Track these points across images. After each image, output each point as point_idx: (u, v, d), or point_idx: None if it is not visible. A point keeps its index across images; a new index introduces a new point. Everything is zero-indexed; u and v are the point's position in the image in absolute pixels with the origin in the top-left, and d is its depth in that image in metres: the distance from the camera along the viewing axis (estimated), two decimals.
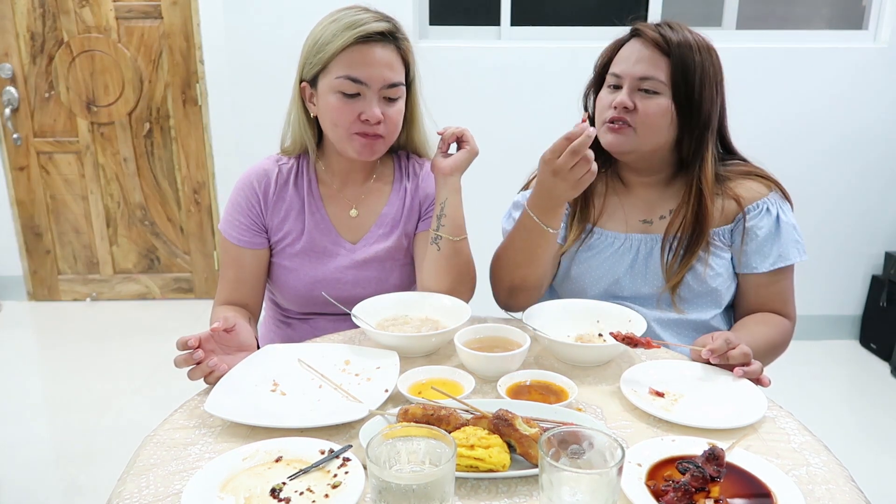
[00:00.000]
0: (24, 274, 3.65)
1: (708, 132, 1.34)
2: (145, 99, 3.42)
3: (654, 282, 1.40)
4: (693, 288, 1.37)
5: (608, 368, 1.18)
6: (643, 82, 1.31)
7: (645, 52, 1.32)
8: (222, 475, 0.84)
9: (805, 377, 2.84)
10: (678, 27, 1.34)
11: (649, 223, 1.42)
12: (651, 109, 1.31)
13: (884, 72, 2.89)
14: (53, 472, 2.27)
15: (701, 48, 1.32)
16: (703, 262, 1.36)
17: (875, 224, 3.10)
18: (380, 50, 1.30)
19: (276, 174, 1.44)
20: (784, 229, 1.37)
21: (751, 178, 1.40)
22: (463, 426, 0.90)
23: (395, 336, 1.20)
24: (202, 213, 3.59)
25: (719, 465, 0.84)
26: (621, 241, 1.42)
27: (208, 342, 1.11)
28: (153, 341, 3.21)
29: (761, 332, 1.33)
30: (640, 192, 1.44)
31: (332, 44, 1.29)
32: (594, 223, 1.45)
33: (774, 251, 1.36)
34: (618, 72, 1.35)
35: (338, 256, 1.44)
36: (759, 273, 1.37)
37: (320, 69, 1.32)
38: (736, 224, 1.37)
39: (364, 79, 1.29)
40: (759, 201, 1.37)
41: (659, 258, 1.39)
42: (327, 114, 1.34)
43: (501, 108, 2.87)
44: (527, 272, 1.37)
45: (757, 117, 2.90)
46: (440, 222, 1.39)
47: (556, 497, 0.73)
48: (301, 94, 1.39)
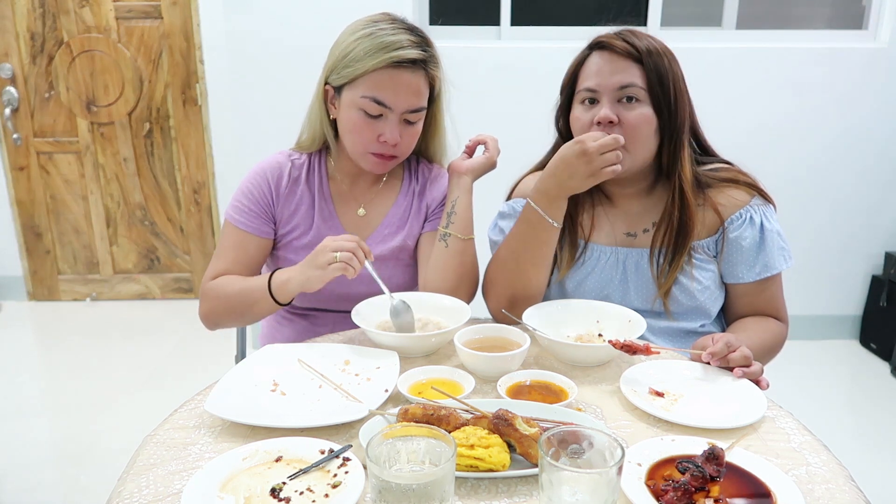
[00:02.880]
0: (24, 274, 3.65)
1: (683, 135, 1.31)
2: (145, 99, 3.42)
3: (643, 294, 1.38)
4: (682, 302, 1.35)
5: (608, 368, 1.18)
6: (623, 91, 1.27)
7: (618, 61, 1.28)
8: (222, 475, 0.85)
9: (805, 377, 2.84)
10: (640, 34, 1.31)
11: (633, 236, 1.39)
12: (636, 120, 1.27)
13: (884, 72, 2.89)
14: (53, 472, 2.27)
15: (665, 53, 1.30)
16: (689, 276, 1.33)
17: (875, 224, 3.10)
18: (409, 76, 1.31)
19: (288, 168, 1.44)
20: (768, 237, 1.33)
21: (731, 186, 1.35)
22: (463, 426, 0.90)
23: (395, 336, 1.20)
24: (202, 213, 3.59)
25: (719, 464, 0.85)
26: (608, 255, 1.40)
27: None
28: (153, 341, 3.21)
29: (757, 334, 1.32)
30: (623, 203, 1.41)
31: (363, 62, 1.29)
32: (587, 239, 1.42)
33: (760, 261, 1.34)
34: (592, 86, 1.30)
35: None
36: (745, 283, 1.36)
37: (347, 82, 1.32)
38: (719, 235, 1.35)
39: (389, 103, 1.31)
40: (742, 210, 1.33)
41: (647, 271, 1.37)
42: (347, 126, 1.35)
43: (501, 108, 2.87)
44: (530, 275, 1.34)
45: (756, 117, 2.90)
46: (450, 219, 1.41)
47: (556, 497, 0.73)
48: (324, 95, 1.39)
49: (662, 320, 1.38)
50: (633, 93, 1.27)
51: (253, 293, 1.32)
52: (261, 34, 2.81)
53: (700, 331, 1.38)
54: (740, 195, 1.35)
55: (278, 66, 2.84)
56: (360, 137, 1.34)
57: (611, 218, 1.41)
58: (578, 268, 1.41)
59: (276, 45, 2.81)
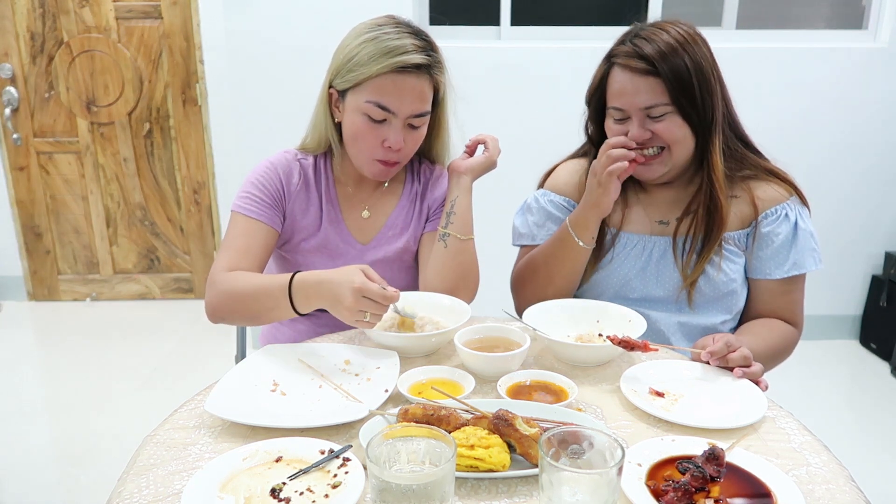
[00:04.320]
0: (24, 274, 3.65)
1: (715, 126, 1.31)
2: (145, 99, 3.42)
3: (666, 284, 1.39)
4: (705, 293, 1.36)
5: (608, 368, 1.18)
6: (650, 111, 1.29)
7: (638, 80, 1.28)
8: (222, 475, 0.84)
9: (805, 377, 2.84)
10: (653, 35, 1.28)
11: (665, 224, 1.41)
12: (667, 130, 1.29)
13: (884, 72, 2.89)
14: (53, 472, 2.27)
15: (685, 44, 1.27)
16: (717, 266, 1.34)
17: (875, 224, 3.10)
18: (414, 80, 1.29)
19: (298, 168, 1.43)
20: (801, 236, 1.34)
21: (772, 181, 1.37)
22: (463, 426, 0.90)
23: (395, 336, 1.20)
24: (202, 213, 3.59)
25: (719, 465, 0.85)
26: (635, 243, 1.41)
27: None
28: (153, 341, 3.21)
29: (765, 336, 1.32)
30: (657, 192, 1.43)
31: (368, 67, 1.27)
32: (619, 228, 1.44)
33: (791, 258, 1.34)
34: (619, 106, 1.32)
35: (349, 256, 1.45)
36: (772, 279, 1.35)
37: (351, 86, 1.31)
38: (752, 228, 1.35)
39: (393, 108, 1.29)
40: (778, 206, 1.35)
41: (672, 262, 1.38)
42: (351, 130, 1.34)
43: (501, 108, 2.87)
44: (560, 285, 1.40)
45: (756, 117, 2.88)
46: (449, 219, 1.41)
47: (556, 497, 0.73)
48: (328, 99, 1.38)
49: (683, 314, 1.39)
50: (658, 112, 1.28)
51: (269, 297, 1.22)
52: (261, 34, 2.81)
53: (719, 328, 1.39)
54: (780, 191, 1.36)
55: (278, 66, 2.84)
56: (364, 143, 1.33)
57: (644, 206, 1.43)
58: (605, 258, 1.43)
59: (276, 45, 2.81)
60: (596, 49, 1.43)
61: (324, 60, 1.38)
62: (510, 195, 2.49)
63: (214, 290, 1.29)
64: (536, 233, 1.49)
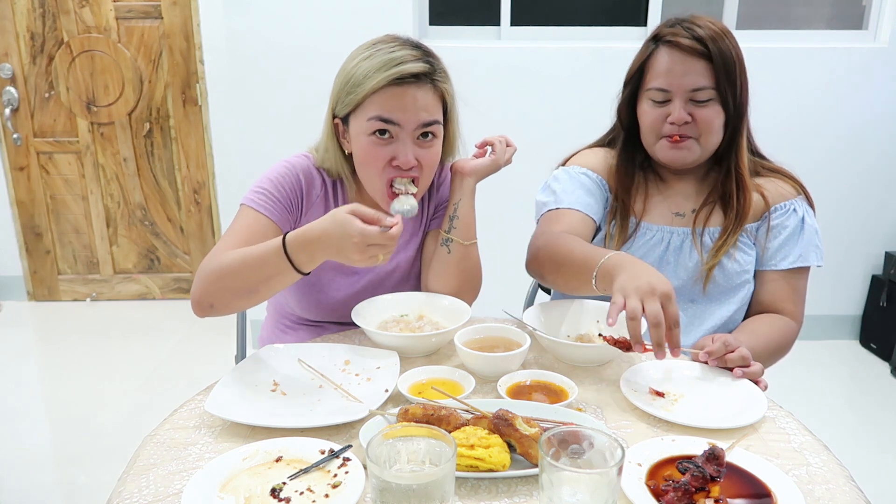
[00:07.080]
0: (24, 274, 3.65)
1: (744, 120, 1.36)
2: (145, 99, 3.42)
3: (681, 274, 1.40)
4: (719, 283, 1.38)
5: (608, 368, 1.18)
6: (696, 93, 1.30)
7: (689, 61, 1.29)
8: (222, 475, 0.85)
9: (805, 377, 2.84)
10: (701, 21, 1.31)
11: (682, 216, 1.42)
12: (707, 117, 1.31)
13: (884, 72, 2.89)
14: (53, 472, 2.27)
15: (726, 35, 1.31)
16: (731, 256, 1.37)
17: (875, 224, 3.10)
18: (415, 90, 1.23)
19: (319, 181, 1.37)
20: (807, 231, 1.38)
21: (781, 178, 1.41)
22: (463, 426, 0.90)
23: (395, 336, 1.20)
24: (202, 213, 3.58)
25: (719, 464, 0.85)
26: (653, 233, 1.42)
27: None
28: (153, 341, 3.21)
29: (764, 333, 1.32)
30: (676, 184, 1.44)
31: (364, 84, 1.21)
32: (639, 218, 1.43)
33: (796, 250, 1.38)
34: (663, 86, 1.31)
35: (363, 270, 1.41)
36: (777, 270, 1.38)
37: (352, 109, 1.26)
38: (762, 221, 1.39)
39: (397, 120, 1.23)
40: (787, 202, 1.39)
41: (689, 252, 1.39)
42: (359, 155, 1.28)
43: (501, 108, 2.87)
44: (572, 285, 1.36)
45: (756, 117, 2.88)
46: (452, 224, 1.38)
47: (556, 497, 0.73)
48: (335, 131, 1.32)
49: (697, 304, 1.39)
50: (704, 95, 1.30)
51: (266, 265, 1.13)
52: (261, 34, 2.81)
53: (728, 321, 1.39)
54: (788, 188, 1.41)
55: (278, 66, 2.84)
56: (374, 164, 1.26)
57: (664, 196, 1.44)
58: (627, 246, 1.42)
59: (276, 45, 2.81)
60: (596, 49, 1.44)
61: (324, 60, 1.37)
62: (510, 195, 2.49)
63: (199, 275, 1.19)
64: (564, 198, 1.43)
